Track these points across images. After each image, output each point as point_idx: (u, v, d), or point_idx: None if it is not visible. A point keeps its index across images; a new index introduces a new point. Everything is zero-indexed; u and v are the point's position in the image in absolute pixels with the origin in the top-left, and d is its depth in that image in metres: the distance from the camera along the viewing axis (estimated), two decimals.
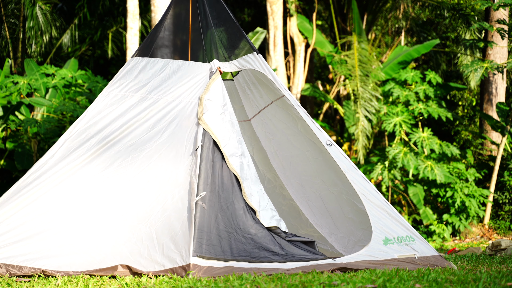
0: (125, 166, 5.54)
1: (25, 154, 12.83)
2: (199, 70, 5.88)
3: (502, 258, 6.85)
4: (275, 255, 5.19)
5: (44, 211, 5.43)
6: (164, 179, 5.41)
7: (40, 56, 17.02)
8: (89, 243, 5.25)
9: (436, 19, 18.08)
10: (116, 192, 5.46)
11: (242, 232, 5.23)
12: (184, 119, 5.66)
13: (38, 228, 5.34)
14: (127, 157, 5.58)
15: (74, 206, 5.44)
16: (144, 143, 5.62)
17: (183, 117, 5.67)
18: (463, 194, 12.30)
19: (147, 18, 18.77)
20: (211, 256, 5.01)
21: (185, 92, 5.80)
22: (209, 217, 5.19)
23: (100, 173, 5.56)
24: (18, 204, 5.51)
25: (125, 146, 5.65)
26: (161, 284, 4.63)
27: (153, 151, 5.55)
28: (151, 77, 5.99)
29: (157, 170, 5.46)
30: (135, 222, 5.27)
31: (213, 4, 6.07)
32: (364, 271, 5.16)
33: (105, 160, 5.61)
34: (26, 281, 4.99)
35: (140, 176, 5.48)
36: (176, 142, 5.55)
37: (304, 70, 15.85)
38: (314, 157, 6.35)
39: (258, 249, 5.18)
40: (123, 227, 5.28)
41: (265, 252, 5.19)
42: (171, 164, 5.47)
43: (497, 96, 13.37)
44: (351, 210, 6.19)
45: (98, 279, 4.93)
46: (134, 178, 5.48)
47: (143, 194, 5.39)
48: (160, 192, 5.36)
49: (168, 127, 5.66)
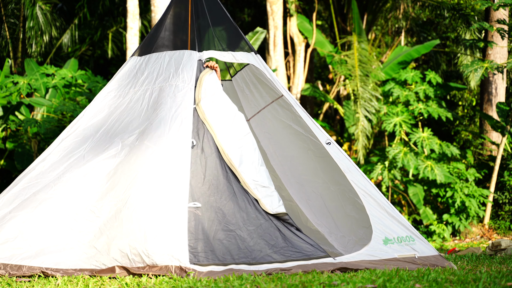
0: (121, 165, 5.52)
1: (25, 154, 12.83)
2: (190, 56, 5.84)
3: (502, 258, 6.85)
4: (276, 252, 5.15)
5: (40, 210, 5.42)
6: (160, 179, 5.38)
7: (40, 56, 17.02)
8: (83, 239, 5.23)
9: (436, 19, 18.08)
10: (112, 191, 5.43)
11: (242, 229, 5.19)
12: (169, 100, 5.62)
13: (33, 227, 5.33)
14: (124, 155, 5.55)
15: (70, 204, 5.43)
16: (141, 141, 5.57)
17: (169, 98, 5.63)
18: (463, 194, 12.30)
19: (147, 18, 18.77)
20: (209, 262, 4.99)
21: (175, 77, 5.77)
22: (204, 222, 5.14)
23: (97, 172, 5.54)
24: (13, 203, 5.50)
25: (122, 144, 5.62)
26: (161, 284, 4.62)
27: (150, 150, 5.51)
28: (145, 71, 6.00)
29: (154, 169, 5.42)
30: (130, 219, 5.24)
31: (211, 4, 6.08)
32: (364, 271, 5.16)
33: (102, 158, 5.59)
34: (26, 281, 4.99)
35: (138, 174, 5.44)
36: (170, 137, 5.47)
37: (304, 70, 15.85)
38: (316, 155, 6.34)
39: (258, 246, 5.14)
40: (116, 224, 5.25)
41: (266, 249, 5.15)
42: (165, 161, 5.40)
43: (497, 96, 13.36)
44: (353, 208, 6.19)
45: (98, 279, 4.93)
46: (131, 177, 5.45)
47: (138, 193, 5.36)
48: (155, 192, 5.33)
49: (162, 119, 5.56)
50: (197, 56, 5.81)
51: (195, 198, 5.22)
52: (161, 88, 5.79)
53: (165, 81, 5.80)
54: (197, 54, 5.82)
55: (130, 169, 5.37)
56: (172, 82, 5.75)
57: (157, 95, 5.76)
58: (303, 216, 6.56)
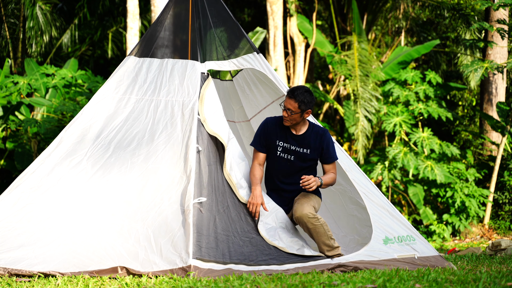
0: (123, 169, 5.52)
1: (25, 154, 12.83)
2: (193, 68, 5.84)
3: (502, 258, 6.85)
4: (272, 259, 5.18)
5: (41, 214, 5.42)
6: (162, 181, 5.39)
7: (40, 56, 17.03)
8: (87, 245, 5.23)
9: (436, 19, 18.08)
10: (113, 194, 5.44)
11: (240, 235, 5.22)
12: (179, 120, 5.64)
13: (35, 232, 5.33)
14: (124, 159, 5.56)
15: (71, 208, 5.43)
16: (141, 145, 5.60)
17: (179, 117, 5.65)
18: (463, 194, 12.30)
19: (147, 18, 18.77)
20: (211, 259, 4.99)
21: (180, 92, 5.77)
22: (207, 220, 5.17)
23: (96, 176, 5.54)
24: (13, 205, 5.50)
25: (122, 148, 5.63)
26: (161, 284, 4.62)
27: (151, 153, 5.53)
28: (147, 78, 5.95)
29: (154, 172, 5.44)
30: (133, 224, 5.26)
31: (213, 3, 6.05)
32: (364, 271, 5.16)
33: (102, 162, 5.59)
34: (26, 281, 4.99)
35: (138, 178, 5.45)
36: (172, 144, 5.53)
37: (304, 70, 15.85)
38: None
39: (255, 253, 5.17)
40: (120, 229, 5.26)
41: (263, 255, 5.17)
42: (167, 166, 5.44)
43: (497, 96, 13.37)
44: (355, 207, 6.18)
45: (98, 279, 4.93)
46: (131, 180, 5.46)
47: (141, 196, 5.37)
48: (157, 194, 5.34)
49: (164, 128, 5.64)
50: (200, 68, 5.80)
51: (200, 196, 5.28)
52: (166, 103, 5.78)
53: (170, 95, 5.79)
54: (200, 66, 5.81)
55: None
56: (179, 97, 5.75)
57: (163, 110, 5.75)
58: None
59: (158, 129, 5.65)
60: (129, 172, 5.49)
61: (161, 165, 5.46)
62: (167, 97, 5.79)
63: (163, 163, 5.47)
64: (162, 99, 5.80)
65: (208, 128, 5.50)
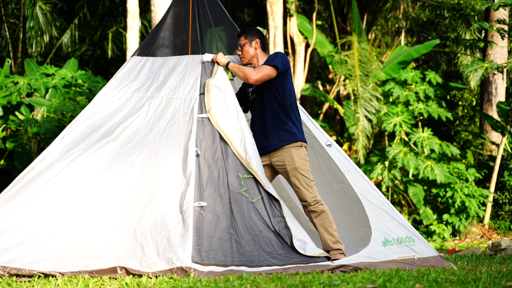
0: (123, 167, 5.52)
1: (25, 154, 12.83)
2: (194, 63, 5.85)
3: (502, 258, 6.86)
4: (274, 258, 5.17)
5: (40, 211, 5.41)
6: (161, 180, 5.39)
7: (40, 56, 17.03)
8: (86, 242, 5.23)
9: (436, 19, 18.08)
10: (112, 191, 5.44)
11: (242, 234, 5.21)
12: (180, 119, 5.64)
13: (34, 230, 5.32)
14: (124, 158, 5.56)
15: (70, 207, 5.42)
16: (142, 144, 5.60)
17: (180, 116, 5.65)
18: (463, 194, 12.30)
19: (147, 18, 18.78)
20: (210, 262, 4.99)
21: (182, 89, 5.78)
22: (208, 223, 5.16)
23: (97, 174, 5.54)
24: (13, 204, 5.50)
25: (123, 146, 5.63)
26: (161, 284, 4.62)
27: (152, 152, 5.53)
28: (149, 76, 6.00)
29: (154, 171, 5.43)
30: (131, 222, 5.26)
31: (212, 4, 6.08)
32: (364, 271, 5.16)
33: (102, 160, 5.59)
34: (26, 281, 4.99)
35: (137, 176, 5.45)
36: (172, 145, 5.53)
37: (304, 70, 15.85)
38: (319, 154, 6.33)
39: (257, 252, 5.16)
40: (119, 226, 5.26)
41: (264, 255, 5.16)
42: (167, 166, 5.44)
43: (497, 96, 13.37)
44: (355, 207, 6.18)
45: (98, 279, 4.93)
46: (131, 178, 5.46)
47: (140, 194, 5.37)
48: (155, 192, 5.33)
49: (165, 128, 5.64)
50: (200, 59, 5.82)
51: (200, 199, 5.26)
52: (168, 100, 5.78)
53: (172, 93, 5.79)
54: (200, 57, 5.82)
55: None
56: (180, 95, 5.75)
57: (164, 108, 5.75)
58: (303, 217, 6.55)
59: (159, 128, 5.65)
60: (129, 169, 5.49)
61: (161, 165, 5.45)
62: (169, 94, 5.80)
63: (163, 163, 5.46)
64: (164, 96, 5.82)
65: (213, 120, 5.51)
